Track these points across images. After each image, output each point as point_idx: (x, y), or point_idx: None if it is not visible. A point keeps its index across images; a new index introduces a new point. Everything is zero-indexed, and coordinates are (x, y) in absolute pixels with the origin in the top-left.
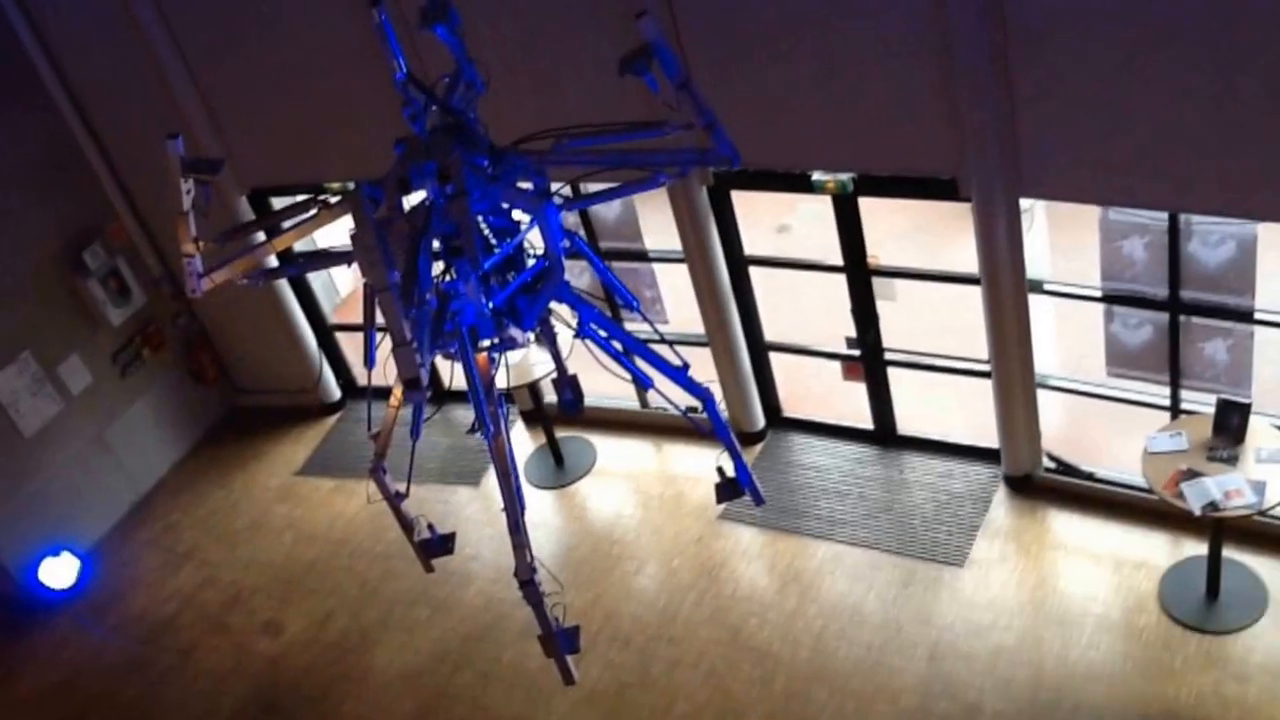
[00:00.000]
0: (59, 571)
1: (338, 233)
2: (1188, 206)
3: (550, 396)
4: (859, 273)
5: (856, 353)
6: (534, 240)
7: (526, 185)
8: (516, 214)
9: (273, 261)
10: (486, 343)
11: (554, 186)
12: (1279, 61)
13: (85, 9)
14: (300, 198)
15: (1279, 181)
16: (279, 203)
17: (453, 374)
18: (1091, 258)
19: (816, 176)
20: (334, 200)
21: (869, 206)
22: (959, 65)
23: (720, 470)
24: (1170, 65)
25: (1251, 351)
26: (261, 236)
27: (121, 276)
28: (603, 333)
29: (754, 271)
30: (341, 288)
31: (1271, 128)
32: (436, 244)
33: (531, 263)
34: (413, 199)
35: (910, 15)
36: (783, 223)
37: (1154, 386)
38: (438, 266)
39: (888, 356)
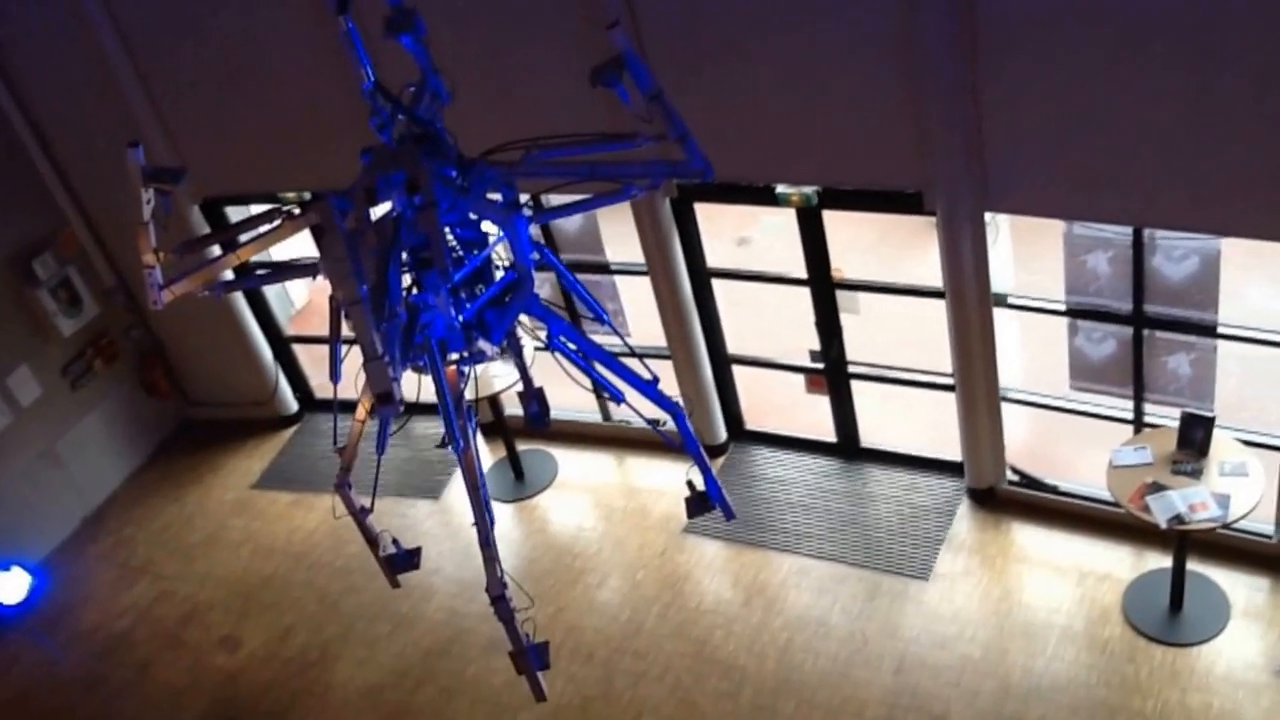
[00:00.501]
0: (9, 586)
1: (294, 244)
2: (1155, 221)
3: (510, 409)
4: (823, 286)
5: (820, 366)
6: (500, 252)
7: (495, 197)
8: (485, 225)
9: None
10: (455, 356)
11: (521, 198)
12: (1247, 77)
13: (33, 10)
14: (261, 208)
15: (1244, 196)
16: (236, 214)
17: (420, 387)
18: (1052, 269)
19: (781, 189)
20: (299, 211)
21: (829, 219)
22: (926, 80)
23: (690, 485)
24: (1138, 80)
25: (1214, 365)
26: (219, 249)
27: (73, 286)
28: (572, 345)
29: (715, 284)
30: (296, 299)
31: (1238, 142)
32: (404, 256)
33: (500, 275)
34: (376, 211)
35: (877, 28)
36: (743, 235)
37: (1117, 400)
38: (405, 279)
39: (851, 369)
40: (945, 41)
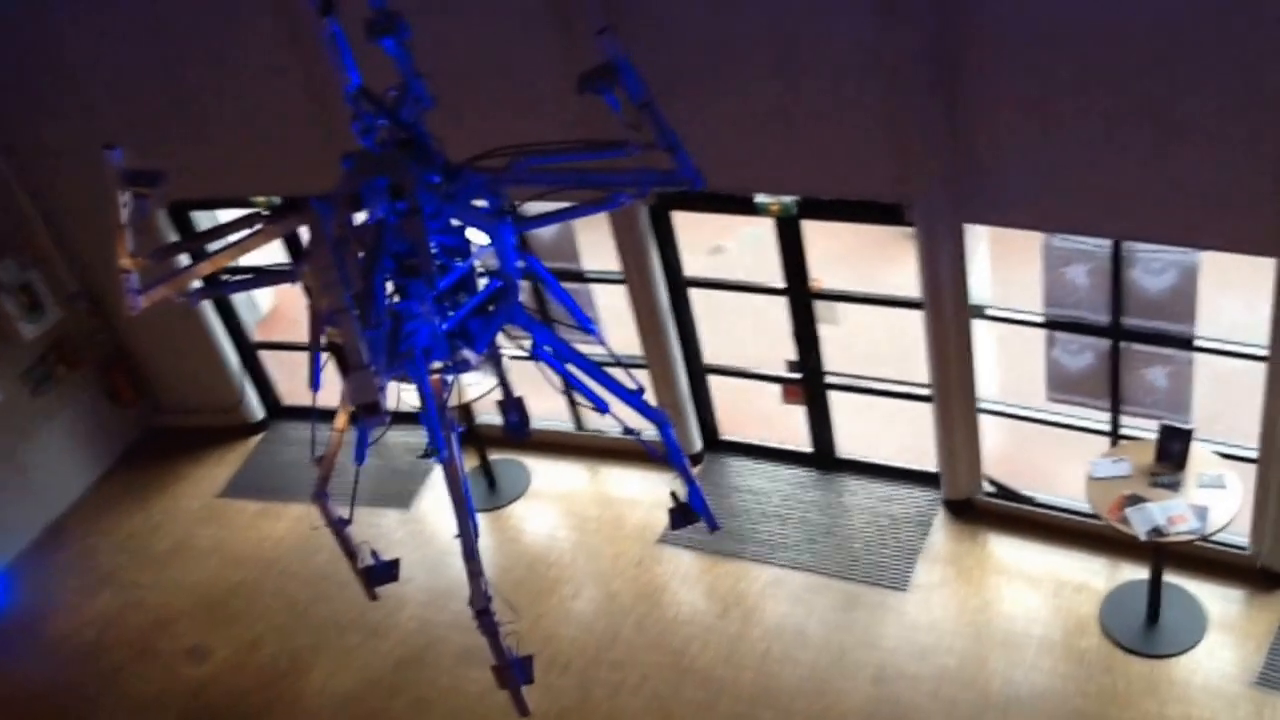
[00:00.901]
0: None
1: (262, 250)
2: (1135, 234)
3: (482, 417)
4: (800, 296)
5: (797, 376)
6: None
7: (481, 203)
8: (470, 233)
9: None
10: (439, 365)
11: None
12: (1227, 91)
13: None
14: (240, 213)
15: (1225, 210)
16: (206, 219)
17: (397, 397)
18: (1027, 280)
19: (760, 198)
20: (278, 216)
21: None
22: (906, 93)
23: (674, 496)
24: (1120, 94)
25: (1191, 378)
26: (195, 255)
27: (34, 290)
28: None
29: (690, 293)
30: (263, 305)
31: (1216, 156)
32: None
33: (483, 283)
34: (357, 217)
35: (858, 41)
36: (716, 244)
37: (1094, 412)
38: (388, 286)
39: (828, 380)
40: (925, 56)
